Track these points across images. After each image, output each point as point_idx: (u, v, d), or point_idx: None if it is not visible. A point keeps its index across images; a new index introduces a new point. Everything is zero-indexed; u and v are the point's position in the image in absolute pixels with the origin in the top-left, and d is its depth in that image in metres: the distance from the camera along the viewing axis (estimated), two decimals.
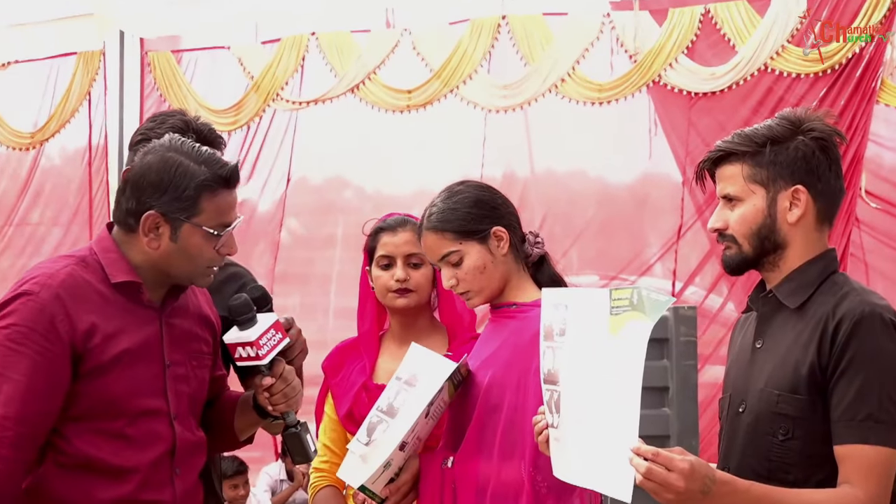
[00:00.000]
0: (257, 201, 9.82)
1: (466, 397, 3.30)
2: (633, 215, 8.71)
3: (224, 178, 3.01)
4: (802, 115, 2.80)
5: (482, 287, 3.29)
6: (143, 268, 3.04)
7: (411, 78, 9.19)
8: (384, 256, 3.62)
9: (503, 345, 3.26)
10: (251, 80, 9.72)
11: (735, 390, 2.85)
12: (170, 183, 2.97)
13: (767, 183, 2.77)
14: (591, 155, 8.85)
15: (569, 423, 2.75)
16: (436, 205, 3.33)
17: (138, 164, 3.03)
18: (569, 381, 2.74)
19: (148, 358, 3.04)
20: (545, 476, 3.05)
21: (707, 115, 8.23)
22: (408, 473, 3.32)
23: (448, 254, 3.28)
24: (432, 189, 3.59)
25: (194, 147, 3.03)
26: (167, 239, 3.00)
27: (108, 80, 10.24)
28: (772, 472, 2.70)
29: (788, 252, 2.78)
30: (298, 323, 3.34)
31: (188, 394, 3.12)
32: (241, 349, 3.10)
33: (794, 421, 2.68)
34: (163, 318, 3.09)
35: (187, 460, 3.12)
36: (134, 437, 3.00)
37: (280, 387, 3.12)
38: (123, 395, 2.98)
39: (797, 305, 2.75)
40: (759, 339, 2.81)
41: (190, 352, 3.14)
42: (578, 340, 2.73)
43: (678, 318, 6.12)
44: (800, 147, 2.76)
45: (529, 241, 3.36)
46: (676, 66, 8.34)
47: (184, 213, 2.98)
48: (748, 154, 2.78)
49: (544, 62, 8.70)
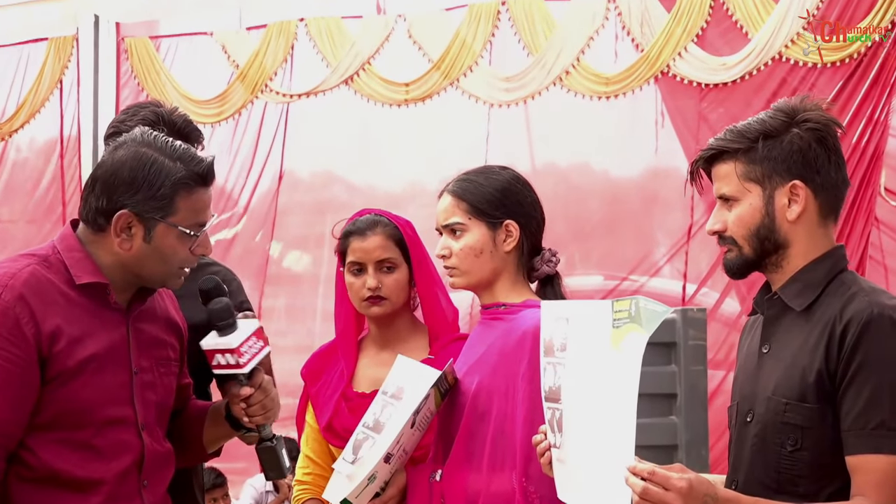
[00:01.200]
0: (248, 198, 9.79)
1: (454, 405, 3.30)
2: (640, 213, 8.70)
3: (201, 175, 3.01)
4: (797, 104, 2.79)
5: (470, 270, 3.30)
6: (111, 268, 3.02)
7: (408, 69, 9.18)
8: (354, 263, 3.60)
9: (490, 349, 3.27)
10: (236, 69, 9.71)
11: (742, 398, 2.84)
12: (144, 181, 2.95)
13: (763, 180, 2.76)
14: (596, 149, 8.85)
15: (571, 443, 2.75)
16: (468, 174, 3.37)
17: (108, 160, 3.02)
18: (571, 399, 2.74)
19: (115, 364, 3.02)
20: (537, 487, 3.06)
21: (718, 107, 8.21)
22: (394, 488, 3.32)
23: (453, 223, 3.31)
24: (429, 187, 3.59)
25: (168, 142, 3.02)
26: (140, 239, 2.99)
27: (81, 68, 10.21)
28: (781, 484, 2.69)
29: (791, 251, 2.77)
30: (285, 327, 3.34)
31: (155, 402, 3.10)
32: (220, 356, 3.09)
33: (803, 431, 2.67)
34: (129, 321, 3.08)
35: (156, 472, 3.10)
36: (101, 448, 2.98)
37: (259, 398, 3.11)
38: (90, 404, 2.97)
39: (804, 307, 2.74)
40: (765, 344, 2.80)
41: (157, 358, 3.13)
42: (580, 356, 2.72)
43: (686, 320, 6.12)
44: (794, 140, 2.75)
45: (544, 257, 3.37)
46: (686, 56, 8.32)
47: (159, 212, 2.97)
48: (741, 151, 2.77)
49: (548, 52, 8.68)
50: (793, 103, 2.79)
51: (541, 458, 2.87)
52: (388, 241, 3.57)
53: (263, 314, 9.32)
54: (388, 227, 3.60)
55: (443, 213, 3.35)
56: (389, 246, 3.57)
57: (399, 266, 3.59)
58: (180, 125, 3.58)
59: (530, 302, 3.26)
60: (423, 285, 3.61)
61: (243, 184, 9.81)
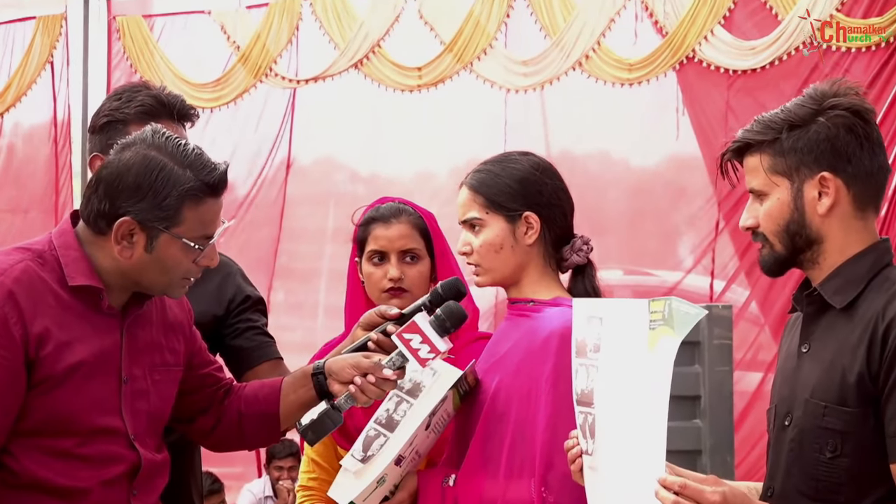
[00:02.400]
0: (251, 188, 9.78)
1: (472, 406, 3.29)
2: (662, 204, 8.69)
3: (211, 185, 2.98)
4: (827, 90, 2.77)
5: (492, 266, 3.29)
6: (109, 273, 3.00)
7: (420, 52, 9.15)
8: (376, 251, 3.57)
9: (514, 348, 3.25)
10: (237, 50, 9.68)
11: (781, 401, 2.82)
12: (150, 188, 2.93)
13: (790, 173, 2.74)
14: (616, 138, 8.83)
15: (604, 451, 2.74)
16: (486, 164, 3.36)
17: (115, 161, 2.98)
18: (604, 404, 2.73)
19: (104, 372, 3.00)
20: (557, 497, 3.06)
21: (747, 95, 8.18)
22: (404, 492, 3.30)
23: (471, 218, 3.30)
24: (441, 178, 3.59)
25: (180, 146, 2.98)
26: (141, 248, 2.96)
27: (70, 49, 10.20)
28: (819, 492, 2.67)
29: (826, 246, 2.75)
30: (288, 321, 3.36)
31: (146, 412, 3.08)
32: (420, 340, 3.10)
33: (843, 436, 2.65)
34: (124, 327, 3.05)
35: (148, 482, 3.09)
36: (87, 457, 2.97)
37: (388, 386, 3.10)
38: (76, 413, 2.95)
39: (844, 305, 2.71)
40: (804, 343, 2.78)
41: (151, 364, 3.10)
42: (615, 358, 2.71)
43: (711, 318, 6.11)
44: (821, 129, 2.73)
45: (574, 246, 3.34)
46: (712, 40, 8.29)
47: (163, 222, 2.94)
48: (766, 143, 2.76)
49: (567, 34, 8.65)
50: (822, 89, 2.77)
51: (571, 465, 2.85)
52: (413, 231, 3.55)
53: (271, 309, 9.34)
54: (413, 217, 3.58)
55: (461, 208, 3.34)
56: (414, 236, 3.55)
57: (422, 258, 3.57)
58: (178, 107, 3.57)
59: (560, 299, 3.25)
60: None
61: (245, 173, 9.79)
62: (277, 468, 8.68)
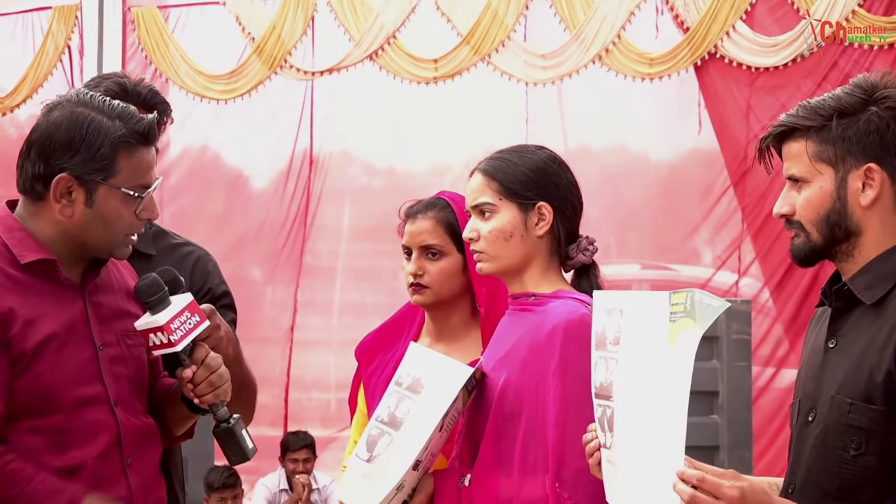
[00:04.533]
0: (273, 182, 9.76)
1: (480, 402, 3.27)
2: (681, 198, 8.67)
3: (142, 133, 3.02)
4: (877, 80, 2.73)
5: (499, 254, 3.27)
6: (55, 242, 3.02)
7: (436, 43, 9.14)
8: (405, 247, 3.62)
9: (519, 343, 3.23)
10: (252, 42, 9.68)
11: (805, 396, 2.79)
12: (82, 141, 2.97)
13: (836, 162, 2.70)
14: (634, 132, 8.82)
15: (622, 444, 2.72)
16: (501, 153, 3.34)
17: (43, 122, 3.02)
18: (623, 397, 2.71)
19: (76, 341, 3.01)
20: (571, 492, 3.04)
21: (769, 93, 8.16)
22: (422, 494, 3.29)
23: (483, 203, 3.28)
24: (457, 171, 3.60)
25: (105, 101, 3.03)
26: (81, 204, 2.99)
27: (84, 40, 10.20)
28: (842, 491, 2.64)
29: (863, 239, 2.71)
30: (309, 321, 3.36)
31: (127, 376, 3.10)
32: (154, 336, 3.07)
33: (868, 434, 2.61)
34: (86, 296, 3.07)
35: (139, 450, 3.10)
36: (75, 431, 2.98)
37: (203, 375, 3.08)
38: (57, 386, 2.96)
39: (875, 301, 2.67)
40: (831, 339, 2.74)
41: (121, 331, 3.11)
42: (635, 351, 2.69)
43: (729, 312, 6.11)
44: (872, 119, 2.69)
45: (580, 245, 3.32)
46: (734, 35, 8.26)
47: (99, 174, 2.98)
48: (813, 129, 2.71)
49: (587, 27, 8.63)
50: (872, 79, 2.73)
51: (590, 459, 2.85)
52: (436, 227, 3.56)
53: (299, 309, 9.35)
54: (443, 212, 3.59)
55: (472, 193, 3.32)
56: (437, 232, 3.56)
57: (447, 254, 3.56)
58: (146, 95, 3.59)
59: (562, 292, 3.23)
60: (480, 277, 3.58)
61: (266, 166, 9.78)
62: (293, 461, 8.65)
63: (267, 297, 9.60)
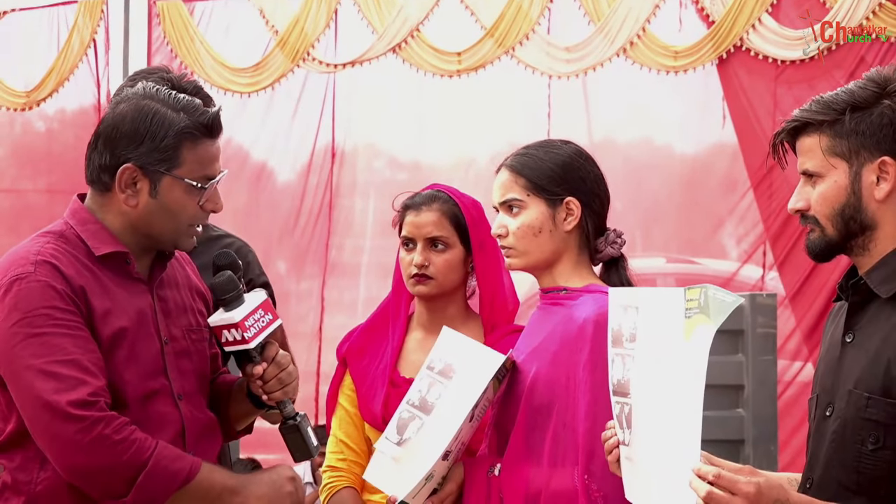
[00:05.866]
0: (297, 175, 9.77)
1: (510, 394, 3.29)
2: (706, 192, 8.65)
3: (206, 125, 3.07)
4: (890, 74, 2.74)
5: (528, 250, 3.30)
6: (123, 233, 3.07)
7: (460, 37, 9.13)
8: (406, 238, 3.64)
9: (550, 337, 3.26)
10: (275, 35, 9.69)
11: (823, 390, 2.80)
12: (146, 132, 3.02)
13: (850, 155, 2.72)
14: (659, 125, 8.80)
15: (640, 441, 2.74)
16: (528, 148, 3.37)
17: (110, 114, 3.09)
18: (641, 394, 2.73)
19: (145, 336, 3.07)
20: (600, 485, 3.06)
21: (794, 86, 8.13)
22: (453, 483, 3.32)
23: (511, 199, 3.31)
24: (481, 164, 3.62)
25: (171, 94, 3.08)
26: (146, 195, 3.04)
27: (110, 34, 10.23)
28: (861, 485, 2.66)
29: (879, 233, 2.73)
30: (331, 315, 3.38)
31: (191, 370, 3.16)
32: (227, 332, 3.12)
33: (886, 428, 2.63)
34: (153, 290, 3.12)
35: (201, 443, 3.15)
36: (142, 424, 3.01)
37: (273, 373, 3.14)
38: (128, 379, 3.02)
39: (891, 294, 2.69)
40: (849, 333, 2.76)
41: (186, 325, 3.18)
42: (651, 347, 2.71)
43: (755, 306, 6.10)
44: (885, 112, 2.71)
45: (608, 238, 3.35)
46: (760, 28, 8.23)
47: (163, 164, 3.03)
48: (826, 123, 2.73)
49: (611, 20, 8.61)
50: (885, 73, 2.74)
51: (608, 456, 2.87)
52: (442, 219, 3.59)
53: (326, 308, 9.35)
54: (447, 205, 3.62)
55: (500, 190, 3.34)
56: (443, 224, 3.59)
57: (452, 246, 3.60)
58: (191, 91, 3.61)
59: (593, 287, 3.25)
60: (484, 270, 3.61)
61: (292, 159, 9.79)
62: (320, 454, 8.65)
63: (293, 291, 9.59)
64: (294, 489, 3.11)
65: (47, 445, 2.93)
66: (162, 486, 2.94)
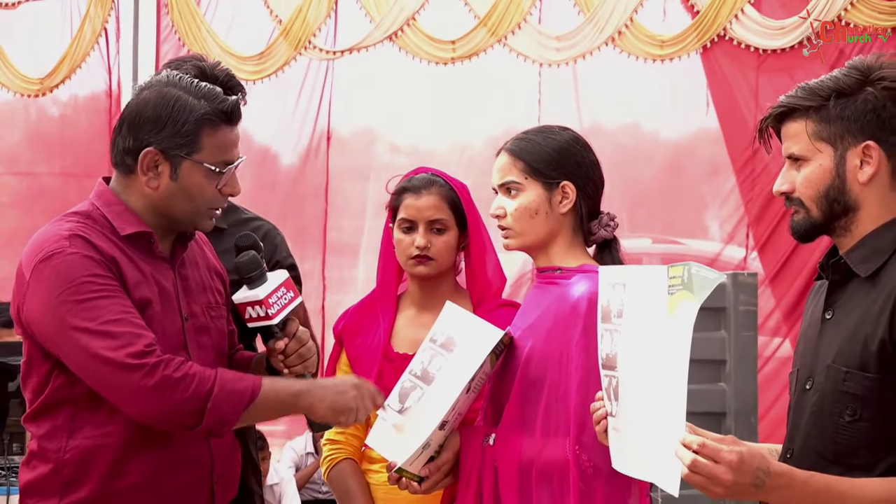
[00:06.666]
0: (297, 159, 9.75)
1: (506, 368, 3.30)
2: (691, 176, 8.66)
3: (225, 112, 3.09)
4: (873, 62, 2.74)
5: (524, 231, 3.31)
6: (146, 214, 3.10)
7: (454, 25, 9.12)
8: (406, 220, 3.62)
9: (545, 314, 3.27)
10: (279, 24, 9.67)
11: (803, 365, 2.80)
12: (168, 118, 3.04)
13: (834, 140, 2.71)
14: (646, 111, 8.80)
15: (626, 412, 2.76)
16: (527, 133, 3.39)
17: (134, 100, 3.11)
18: (627, 368, 2.74)
19: (167, 311, 3.11)
20: (590, 455, 3.08)
21: (776, 75, 8.12)
22: (449, 451, 3.33)
23: (509, 182, 3.32)
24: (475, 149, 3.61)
25: (193, 82, 3.10)
26: (167, 177, 3.07)
27: (121, 23, 10.22)
28: (837, 455, 2.66)
29: (861, 215, 2.73)
30: (332, 294, 3.40)
31: (210, 346, 3.20)
32: (251, 309, 3.16)
33: (863, 401, 2.63)
34: (175, 269, 3.16)
35: None
36: None
37: (294, 348, 3.18)
38: None
39: (869, 273, 2.69)
40: (828, 310, 2.76)
41: (206, 303, 3.22)
42: (636, 323, 2.72)
43: (737, 284, 6.11)
44: (869, 99, 2.70)
45: (601, 221, 3.37)
46: (743, 18, 8.22)
47: (184, 149, 3.05)
48: (812, 109, 2.73)
49: (600, 9, 8.60)
50: (868, 61, 2.74)
51: (597, 426, 2.88)
52: (441, 202, 3.59)
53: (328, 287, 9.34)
54: (444, 189, 3.62)
55: (499, 172, 3.35)
56: (443, 207, 3.59)
57: (450, 228, 3.61)
58: (223, 79, 3.63)
59: (586, 266, 3.26)
60: (475, 250, 3.62)
61: (293, 144, 9.78)
62: None
63: None
64: (358, 394, 3.14)
65: (117, 398, 2.97)
66: (230, 408, 2.98)
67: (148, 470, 3.04)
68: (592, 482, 3.10)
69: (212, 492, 3.16)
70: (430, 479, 3.30)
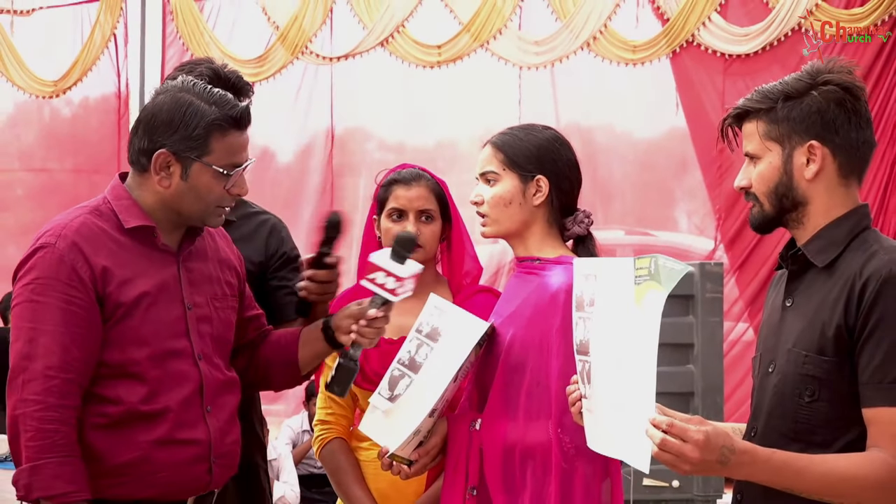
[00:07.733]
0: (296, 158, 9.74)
1: (489, 355, 3.30)
2: (661, 172, 8.68)
3: (234, 118, 3.09)
4: (823, 67, 2.77)
5: (499, 218, 3.31)
6: (155, 210, 3.11)
7: (440, 31, 9.13)
8: (396, 209, 3.61)
9: (525, 302, 3.26)
10: (276, 30, 9.66)
11: (765, 350, 2.81)
12: (181, 122, 3.05)
13: (782, 139, 2.73)
14: (620, 112, 8.81)
15: (598, 395, 2.76)
16: (512, 129, 3.40)
17: (150, 104, 3.12)
18: (598, 353, 2.75)
19: (168, 300, 3.10)
20: (572, 437, 3.07)
21: (741, 79, 8.14)
22: (437, 437, 3.32)
23: (488, 171, 3.32)
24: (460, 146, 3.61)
25: (206, 88, 3.11)
26: (178, 177, 3.08)
27: (129, 29, 10.20)
28: (798, 433, 2.67)
29: (811, 209, 2.74)
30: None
31: (211, 334, 3.19)
32: (384, 275, 3.18)
33: (821, 382, 2.64)
34: (180, 261, 3.16)
35: (218, 399, 3.18)
36: (163, 379, 3.07)
37: (381, 323, 3.20)
38: (147, 336, 3.05)
39: (826, 264, 2.71)
40: (788, 298, 2.77)
41: (211, 294, 3.21)
42: (606, 311, 2.73)
43: (704, 273, 6.12)
44: (814, 101, 2.72)
45: (576, 218, 3.35)
46: (710, 26, 8.23)
47: (194, 151, 3.06)
48: (763, 111, 2.76)
49: (576, 17, 8.61)
50: (818, 66, 2.77)
51: (572, 408, 2.89)
52: (430, 194, 3.60)
53: None
54: (431, 182, 3.64)
55: (481, 162, 3.37)
56: (431, 198, 3.60)
57: (436, 219, 3.61)
58: (234, 81, 3.65)
59: (564, 258, 3.25)
60: (456, 240, 3.62)
61: (293, 144, 9.77)
62: (315, 404, 8.63)
63: None
64: None
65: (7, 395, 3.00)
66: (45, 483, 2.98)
67: (144, 448, 3.04)
68: (574, 462, 3.09)
69: (210, 470, 3.15)
70: (419, 463, 3.29)
